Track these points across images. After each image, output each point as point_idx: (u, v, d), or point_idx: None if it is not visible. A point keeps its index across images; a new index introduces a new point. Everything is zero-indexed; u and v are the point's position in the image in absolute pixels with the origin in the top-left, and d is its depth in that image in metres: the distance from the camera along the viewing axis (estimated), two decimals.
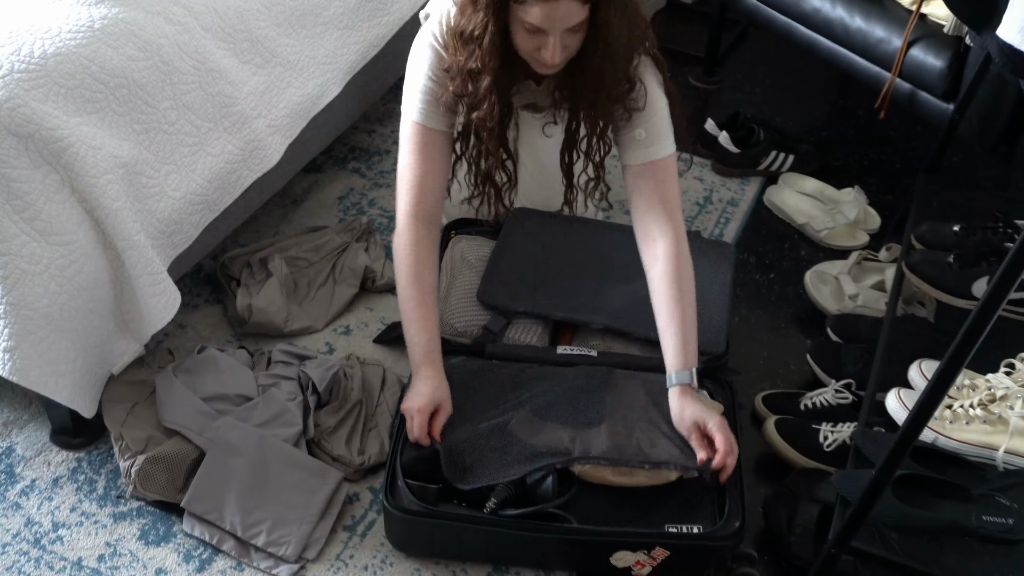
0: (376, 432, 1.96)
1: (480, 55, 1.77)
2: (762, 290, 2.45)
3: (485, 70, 1.78)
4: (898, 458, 1.48)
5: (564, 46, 1.74)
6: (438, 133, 1.89)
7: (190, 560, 1.76)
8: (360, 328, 2.20)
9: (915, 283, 2.13)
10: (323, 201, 2.52)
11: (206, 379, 1.92)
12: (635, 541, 1.69)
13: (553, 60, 1.74)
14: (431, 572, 1.77)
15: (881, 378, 1.92)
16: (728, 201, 2.69)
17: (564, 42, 1.73)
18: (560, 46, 1.72)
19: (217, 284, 2.24)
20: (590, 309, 2.04)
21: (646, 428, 1.81)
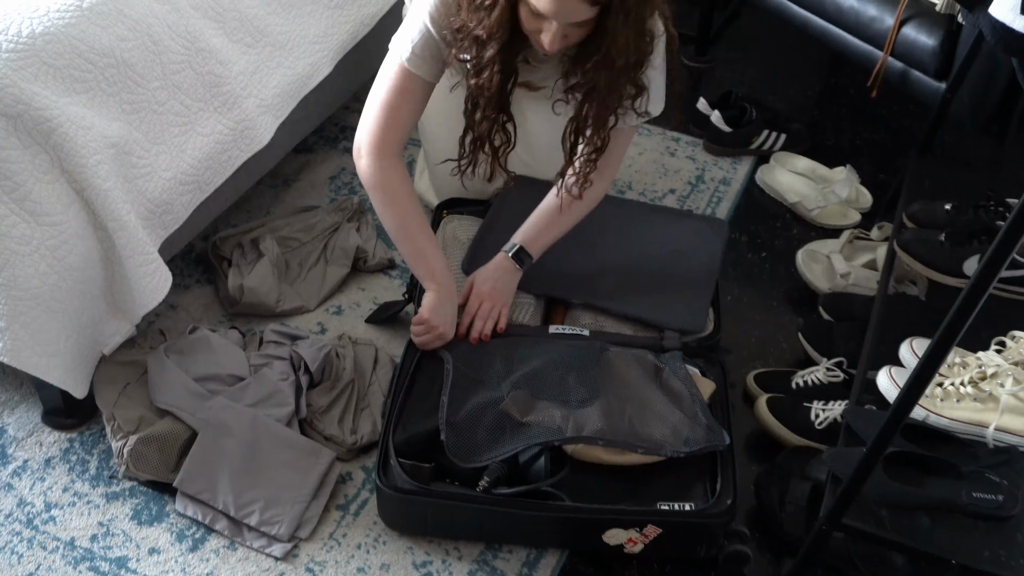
0: (368, 412, 1.96)
1: (488, 24, 1.73)
2: (754, 269, 2.45)
3: (491, 40, 1.75)
4: (889, 436, 1.48)
5: (564, 35, 1.71)
6: (423, 82, 1.87)
7: (183, 539, 1.76)
8: (352, 308, 2.20)
9: (907, 262, 2.13)
10: (314, 181, 2.51)
11: (198, 359, 1.91)
12: (627, 519, 1.70)
13: (551, 48, 1.72)
14: (424, 550, 1.78)
15: (872, 356, 1.92)
16: (720, 180, 2.69)
17: (565, 32, 1.70)
18: (560, 35, 1.70)
19: (208, 265, 2.23)
20: (572, 285, 2.04)
21: (638, 407, 1.81)
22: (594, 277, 2.06)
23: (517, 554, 1.79)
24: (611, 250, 2.12)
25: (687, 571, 1.80)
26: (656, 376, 1.88)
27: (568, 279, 2.05)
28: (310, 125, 2.40)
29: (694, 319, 2.00)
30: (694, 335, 2.00)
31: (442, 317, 1.90)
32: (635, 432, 1.77)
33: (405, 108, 1.88)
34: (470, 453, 1.73)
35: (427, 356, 1.91)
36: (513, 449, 1.72)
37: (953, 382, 1.77)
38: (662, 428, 1.78)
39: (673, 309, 2.02)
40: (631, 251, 2.13)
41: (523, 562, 1.78)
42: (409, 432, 1.76)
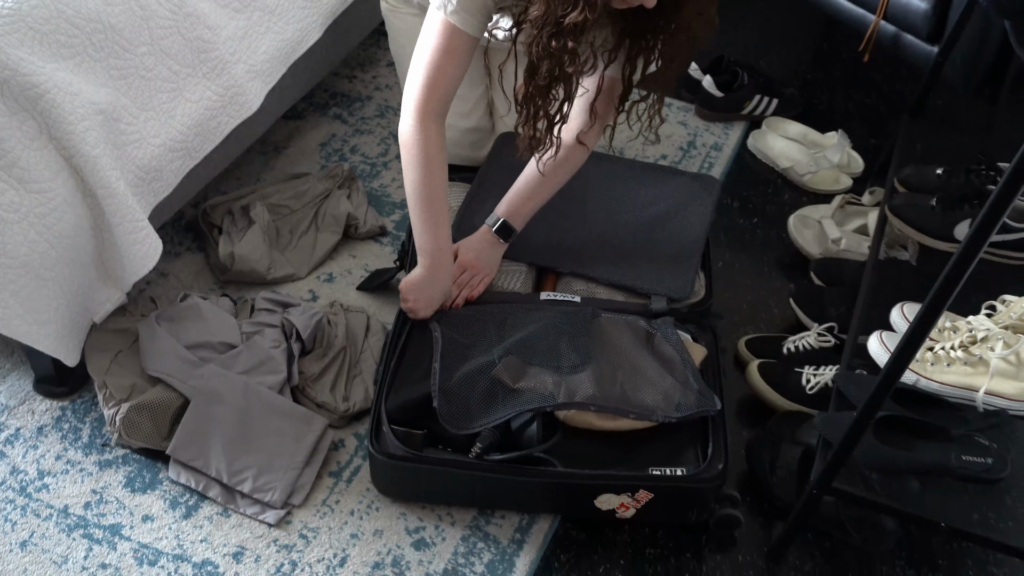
0: (360, 379, 1.96)
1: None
2: (745, 235, 2.45)
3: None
4: (879, 400, 1.49)
5: None
6: (468, 37, 1.76)
7: (176, 507, 1.76)
8: (343, 275, 2.20)
9: (898, 226, 2.13)
10: (304, 148, 2.50)
11: (189, 327, 1.91)
12: (619, 484, 1.70)
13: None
14: (417, 516, 1.79)
15: (863, 321, 1.93)
16: (711, 146, 2.68)
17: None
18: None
19: (199, 232, 2.22)
20: (558, 254, 2.04)
21: (630, 372, 1.81)
22: (581, 243, 2.05)
23: (510, 519, 1.80)
24: (599, 213, 2.10)
25: (678, 535, 1.82)
26: (648, 342, 1.88)
27: (555, 247, 2.04)
28: (300, 91, 2.38)
29: (680, 286, 1.99)
30: (682, 301, 1.99)
31: (420, 293, 1.89)
32: (627, 398, 1.77)
33: (451, 70, 1.79)
34: (462, 420, 1.73)
35: (419, 323, 1.91)
36: (505, 415, 1.72)
37: (943, 346, 1.77)
38: (654, 393, 1.78)
39: (659, 275, 2.01)
40: (619, 213, 2.12)
41: (516, 527, 1.79)
42: (401, 399, 1.76)
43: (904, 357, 1.44)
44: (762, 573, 1.79)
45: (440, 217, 1.88)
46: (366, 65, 2.77)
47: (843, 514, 1.81)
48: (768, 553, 1.81)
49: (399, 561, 1.73)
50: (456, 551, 1.75)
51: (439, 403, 1.74)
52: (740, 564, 1.79)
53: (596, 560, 1.77)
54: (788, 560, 1.80)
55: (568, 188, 2.04)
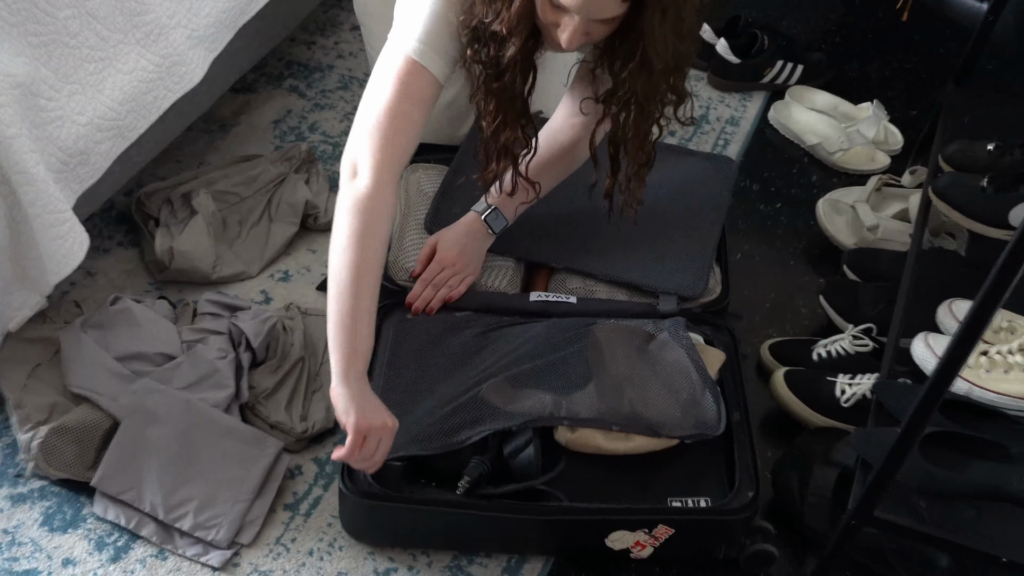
0: (321, 394, 1.94)
1: (508, 18, 1.64)
2: (767, 222, 2.44)
3: (512, 37, 1.65)
4: (926, 413, 1.48)
5: (586, 32, 1.63)
6: (433, 79, 1.71)
7: (103, 548, 1.74)
8: (301, 273, 2.18)
9: (943, 211, 2.12)
10: (255, 125, 2.49)
11: (120, 335, 1.89)
12: (634, 519, 1.69)
13: (569, 45, 1.64)
14: (387, 556, 1.77)
15: (906, 321, 1.93)
16: (727, 120, 2.68)
17: (588, 29, 1.63)
18: (581, 32, 1.62)
19: (132, 224, 2.21)
20: (552, 246, 2.03)
21: (639, 386, 1.80)
22: (577, 235, 2.04)
23: (496, 559, 1.78)
24: (597, 200, 2.08)
25: (694, 573, 1.79)
26: (655, 348, 1.86)
27: (546, 239, 2.04)
28: (250, 60, 2.39)
29: (692, 283, 1.98)
30: (694, 300, 1.98)
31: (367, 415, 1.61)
32: (638, 415, 1.76)
33: (412, 116, 1.69)
34: (445, 437, 1.71)
35: (396, 332, 1.89)
36: (499, 426, 1.70)
37: (1000, 350, 1.78)
38: (669, 408, 1.77)
39: (668, 271, 2.01)
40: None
41: (503, 568, 1.77)
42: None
43: (954, 363, 1.43)
44: None
45: (367, 314, 1.63)
46: (327, 29, 2.77)
47: (886, 546, 1.80)
48: None
49: None
50: None
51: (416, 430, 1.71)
52: None
53: None
54: None
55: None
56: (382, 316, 1.91)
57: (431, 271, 1.92)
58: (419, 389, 1.80)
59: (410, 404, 1.77)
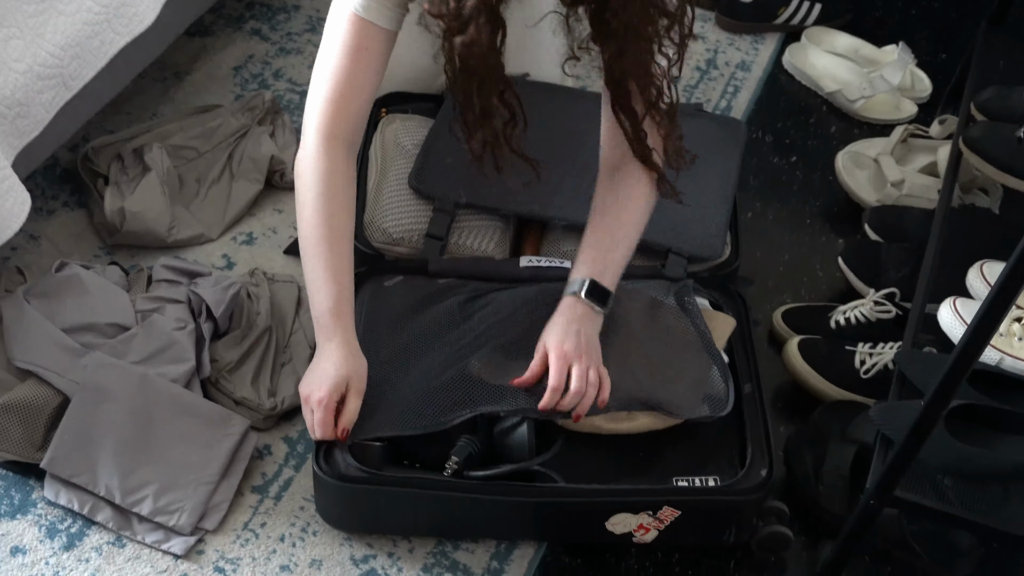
0: (291, 367, 1.96)
1: None
2: (782, 177, 2.45)
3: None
4: (953, 385, 1.49)
5: None
6: (383, 33, 1.77)
7: (55, 535, 1.75)
8: (266, 235, 2.19)
9: (976, 164, 2.13)
10: (214, 73, 2.49)
11: (68, 305, 1.90)
12: (637, 500, 1.71)
13: None
14: (365, 542, 1.79)
15: (932, 286, 1.94)
16: (738, 65, 2.68)
17: None
18: None
19: (79, 183, 2.21)
20: (553, 201, 2.03)
21: (642, 358, 1.82)
22: (574, 190, 2.04)
23: (484, 544, 1.80)
24: (591, 160, 2.10)
25: (699, 560, 1.82)
26: (662, 315, 1.88)
27: (544, 193, 2.03)
28: (207, 0, 2.37)
29: (710, 242, 1.99)
30: (707, 262, 1.99)
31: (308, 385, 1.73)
32: (642, 391, 1.78)
33: (360, 76, 1.77)
34: (430, 417, 1.72)
35: (373, 300, 1.90)
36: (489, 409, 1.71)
37: None
38: (675, 385, 1.79)
39: (681, 228, 2.02)
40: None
41: (492, 554, 1.79)
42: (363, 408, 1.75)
43: (984, 330, 1.44)
44: None
45: (344, 268, 1.78)
46: None
47: (907, 529, 1.82)
48: None
49: None
50: None
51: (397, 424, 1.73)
52: None
53: None
54: None
55: (558, 130, 2.04)
56: (358, 282, 1.93)
57: (559, 372, 1.71)
58: (399, 361, 1.80)
59: (389, 377, 1.78)
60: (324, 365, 1.73)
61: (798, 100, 2.63)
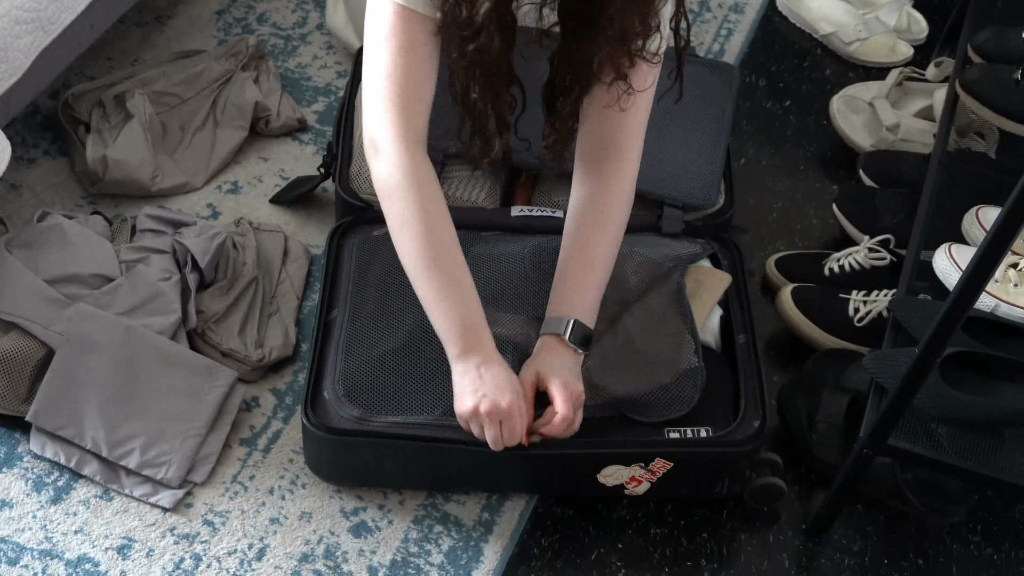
0: (279, 318, 1.96)
1: None
2: (775, 122, 2.45)
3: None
4: (948, 332, 1.49)
5: None
6: (429, 21, 1.71)
7: (42, 489, 1.76)
8: (252, 184, 2.19)
9: (972, 108, 2.13)
10: (196, 17, 2.47)
11: (51, 255, 1.89)
12: (628, 452, 1.72)
13: None
14: (355, 494, 1.80)
15: (927, 232, 1.94)
16: (731, 7, 2.67)
17: None
18: None
19: (60, 131, 2.20)
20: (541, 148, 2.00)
21: (633, 314, 1.83)
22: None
23: (475, 496, 1.81)
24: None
25: (691, 510, 1.84)
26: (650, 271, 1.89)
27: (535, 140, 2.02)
28: None
29: (704, 190, 1.99)
30: (701, 211, 2.00)
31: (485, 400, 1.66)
32: (634, 349, 1.78)
33: (421, 70, 1.71)
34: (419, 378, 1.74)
35: (360, 253, 1.90)
36: None
37: None
38: (663, 344, 1.79)
39: (675, 177, 2.01)
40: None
41: (482, 506, 1.81)
42: (352, 359, 1.76)
43: (979, 276, 1.44)
44: (799, 554, 1.82)
45: (464, 285, 1.71)
46: None
47: (900, 478, 1.83)
48: (807, 529, 1.83)
49: (333, 552, 1.74)
50: (407, 537, 1.76)
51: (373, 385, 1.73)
52: (771, 545, 1.82)
53: (587, 544, 1.79)
54: (831, 539, 1.83)
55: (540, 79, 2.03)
56: (342, 235, 1.93)
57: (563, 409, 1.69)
58: (387, 313, 1.81)
59: (378, 330, 1.78)
60: (493, 373, 1.67)
61: (792, 43, 2.62)
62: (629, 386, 1.77)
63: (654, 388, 1.77)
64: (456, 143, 1.91)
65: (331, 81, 2.39)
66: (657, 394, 1.77)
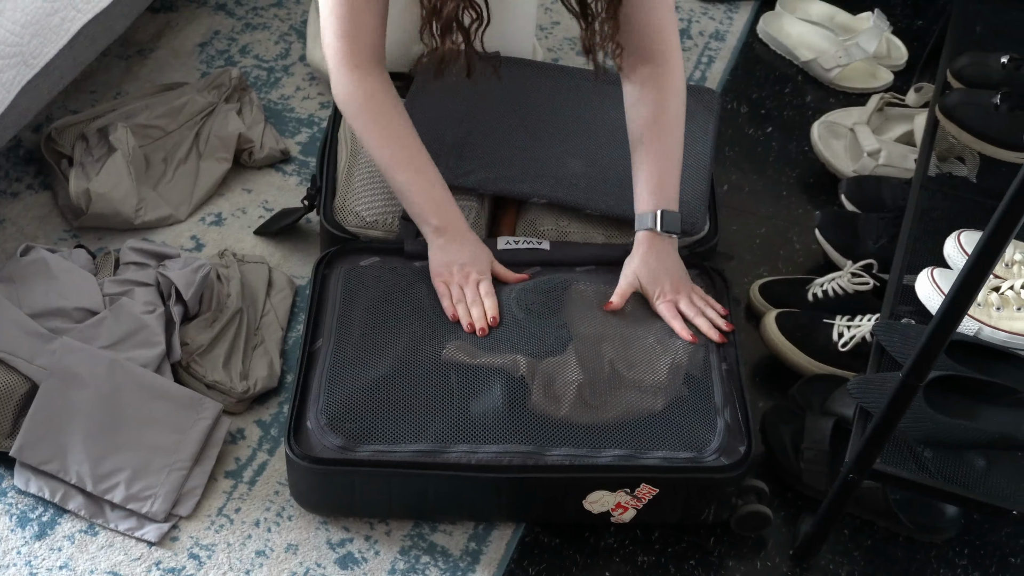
0: (263, 350, 1.96)
1: None
2: (757, 148, 2.46)
3: None
4: (931, 356, 1.50)
5: None
6: None
7: (26, 524, 1.75)
8: (235, 215, 2.19)
9: (952, 132, 2.14)
10: (178, 49, 2.48)
11: (34, 289, 1.89)
12: (613, 477, 1.72)
13: None
14: (341, 525, 1.80)
15: (910, 256, 1.95)
16: (711, 35, 2.68)
17: None
18: None
19: (43, 164, 2.20)
20: (530, 178, 2.03)
21: (620, 345, 1.83)
22: (552, 166, 2.04)
23: (462, 526, 1.81)
24: (570, 134, 2.09)
25: (678, 537, 1.84)
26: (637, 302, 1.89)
27: (520, 171, 2.03)
28: None
29: (691, 217, 1.98)
30: (689, 236, 2.00)
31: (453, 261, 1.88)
32: (620, 378, 1.79)
33: (366, 7, 1.83)
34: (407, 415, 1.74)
35: (347, 283, 1.89)
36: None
37: (1012, 285, 1.79)
38: (654, 367, 1.80)
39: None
40: (596, 133, 2.11)
41: (469, 535, 1.81)
42: (336, 388, 1.75)
43: (962, 300, 1.44)
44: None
45: (432, 179, 1.89)
46: None
47: (890, 497, 1.83)
48: (794, 555, 1.83)
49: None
50: (394, 568, 1.76)
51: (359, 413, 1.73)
52: (758, 571, 1.82)
53: (574, 573, 1.79)
54: (819, 563, 1.83)
55: (525, 106, 2.07)
56: (327, 265, 1.93)
57: (675, 318, 1.87)
58: (372, 343, 1.80)
59: (362, 360, 1.78)
60: (461, 246, 1.88)
61: (773, 69, 2.63)
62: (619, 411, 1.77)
63: (644, 415, 1.77)
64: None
65: (314, 112, 2.40)
66: (648, 421, 1.77)
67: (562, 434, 1.74)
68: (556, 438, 1.73)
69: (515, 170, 2.03)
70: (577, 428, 1.74)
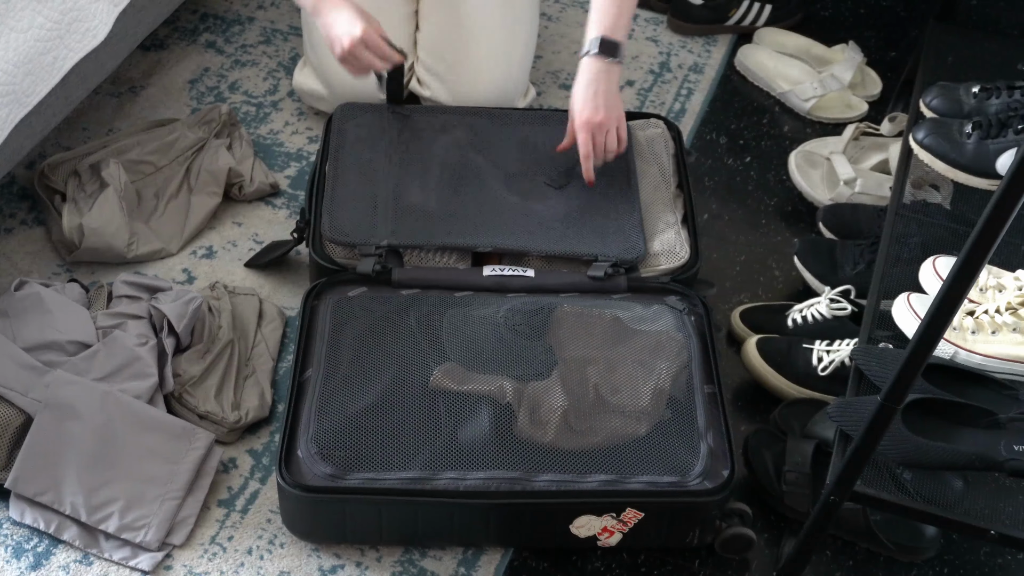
0: (254, 380, 1.96)
1: None
2: (736, 178, 2.46)
3: None
4: (909, 379, 1.50)
5: None
6: None
7: (21, 555, 1.75)
8: (226, 249, 2.19)
9: (926, 161, 2.12)
10: (169, 86, 2.49)
11: (29, 323, 1.90)
12: (599, 502, 1.72)
13: None
14: (333, 552, 1.79)
15: (886, 282, 1.95)
16: (690, 67, 2.69)
17: None
18: None
19: (36, 200, 2.21)
20: (481, 231, 2.03)
21: (604, 368, 1.83)
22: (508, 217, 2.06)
23: (451, 551, 1.81)
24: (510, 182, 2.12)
25: (664, 560, 1.84)
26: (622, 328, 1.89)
27: (472, 222, 2.04)
28: (161, 13, 2.37)
29: (631, 244, 2.00)
30: (633, 262, 2.00)
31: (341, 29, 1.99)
32: (604, 403, 1.79)
33: None
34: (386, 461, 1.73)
35: (335, 315, 1.90)
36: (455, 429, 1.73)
37: (987, 309, 1.79)
38: (637, 391, 1.80)
39: (603, 236, 2.03)
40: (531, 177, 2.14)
41: (459, 560, 1.80)
42: (326, 417, 1.75)
43: (938, 324, 1.45)
44: None
45: None
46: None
47: (871, 519, 1.83)
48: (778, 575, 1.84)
49: None
50: None
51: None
52: None
53: None
54: None
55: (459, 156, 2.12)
56: (316, 295, 1.93)
57: (585, 143, 2.01)
58: (361, 372, 1.81)
59: (351, 389, 1.78)
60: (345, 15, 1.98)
61: (751, 101, 2.64)
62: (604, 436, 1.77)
63: (629, 440, 1.77)
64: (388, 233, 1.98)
65: (302, 146, 2.40)
66: (632, 446, 1.77)
67: (548, 460, 1.74)
68: (542, 464, 1.73)
69: (466, 224, 2.04)
70: (563, 453, 1.75)
